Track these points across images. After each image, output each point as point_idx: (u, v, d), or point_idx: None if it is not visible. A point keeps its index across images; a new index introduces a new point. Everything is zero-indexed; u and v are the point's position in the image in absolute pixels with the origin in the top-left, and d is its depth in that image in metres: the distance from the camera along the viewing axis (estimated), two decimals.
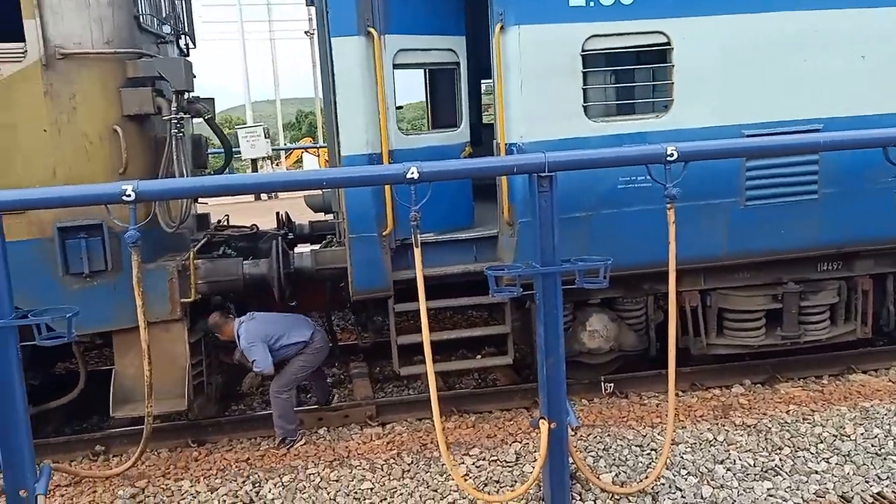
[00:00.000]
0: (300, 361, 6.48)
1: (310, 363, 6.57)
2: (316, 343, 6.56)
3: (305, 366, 6.53)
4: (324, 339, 6.71)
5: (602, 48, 6.05)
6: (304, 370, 6.56)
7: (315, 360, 6.63)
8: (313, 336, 6.54)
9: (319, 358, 6.69)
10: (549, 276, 4.76)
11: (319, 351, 6.62)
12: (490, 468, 5.67)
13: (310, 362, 6.57)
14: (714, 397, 6.86)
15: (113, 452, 6.42)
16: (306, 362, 6.52)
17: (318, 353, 6.62)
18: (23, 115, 5.66)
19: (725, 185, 6.29)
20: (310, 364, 6.58)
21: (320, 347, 6.62)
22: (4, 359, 4.34)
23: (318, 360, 6.68)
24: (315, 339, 6.56)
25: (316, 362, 6.67)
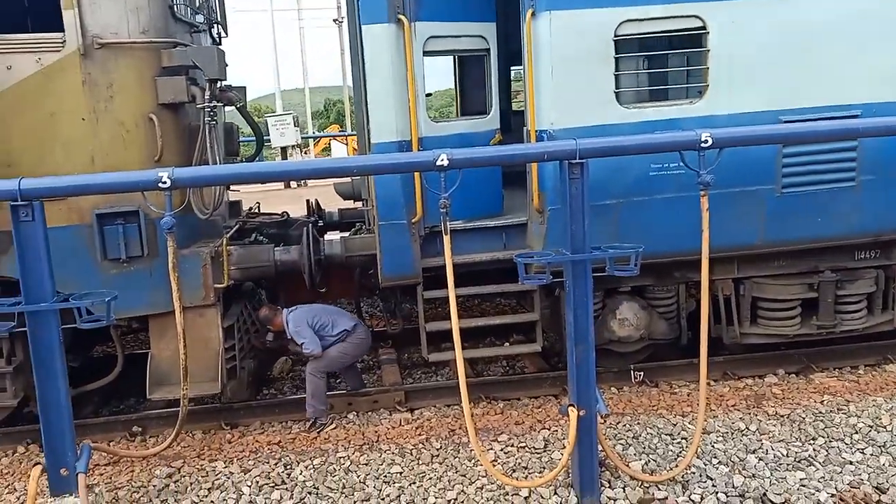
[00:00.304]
0: (340, 348, 6.64)
1: (349, 352, 6.71)
2: (358, 334, 6.72)
3: (344, 353, 6.67)
4: (366, 333, 6.87)
5: (635, 33, 5.98)
6: (343, 357, 6.70)
7: (354, 351, 6.78)
8: (356, 327, 6.73)
9: (360, 350, 6.85)
10: (579, 263, 4.75)
11: (361, 343, 6.77)
12: (518, 454, 5.69)
13: (349, 351, 6.71)
14: (747, 387, 6.79)
15: (150, 433, 6.57)
16: (345, 350, 6.67)
17: (359, 345, 6.78)
18: (62, 104, 5.78)
19: (761, 173, 6.19)
20: (349, 353, 6.72)
21: (362, 339, 6.77)
22: (47, 341, 4.47)
23: (357, 352, 6.83)
24: (357, 330, 6.74)
25: (355, 353, 6.81)
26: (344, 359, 6.73)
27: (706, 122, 5.84)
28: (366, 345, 6.92)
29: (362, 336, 6.79)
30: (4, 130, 5.74)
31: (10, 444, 6.41)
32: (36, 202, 4.37)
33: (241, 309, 6.97)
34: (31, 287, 4.43)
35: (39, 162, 5.73)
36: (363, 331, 6.84)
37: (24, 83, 5.72)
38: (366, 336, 6.86)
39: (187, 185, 5.59)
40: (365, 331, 6.88)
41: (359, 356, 7.03)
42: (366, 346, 6.94)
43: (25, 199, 4.32)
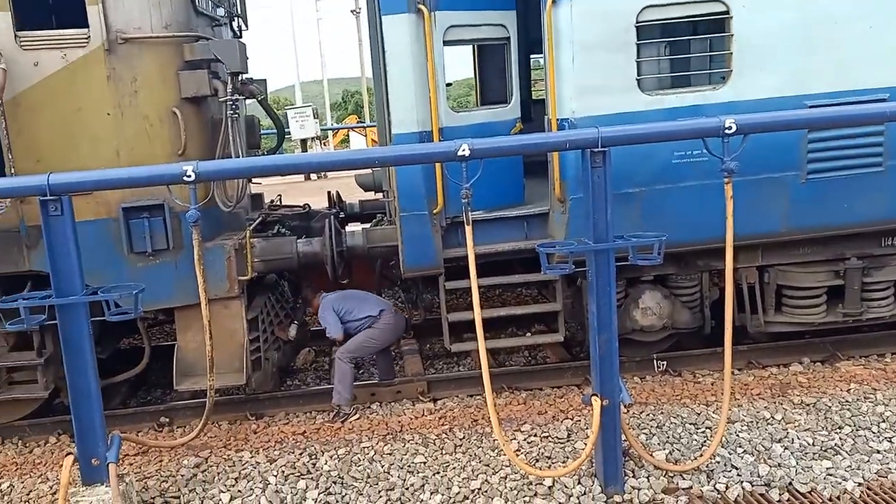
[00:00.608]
0: (367, 334, 6.75)
1: (376, 338, 6.78)
2: (383, 320, 6.77)
3: (371, 339, 6.75)
4: (394, 320, 6.88)
5: (657, 19, 5.92)
6: (370, 343, 6.77)
7: (381, 337, 6.82)
8: (382, 313, 6.77)
9: (386, 336, 6.87)
10: (602, 252, 4.73)
11: (386, 329, 6.80)
12: (542, 444, 5.70)
13: (376, 337, 6.77)
14: (771, 375, 6.74)
15: (177, 424, 6.67)
16: (372, 336, 6.75)
17: (385, 331, 6.81)
18: (87, 99, 5.84)
19: (786, 159, 6.12)
20: (376, 339, 6.78)
21: (388, 325, 6.80)
22: (77, 333, 4.55)
23: (384, 338, 6.86)
24: (383, 316, 6.78)
25: (382, 339, 6.85)
26: (371, 344, 6.78)
27: (730, 108, 5.78)
28: (394, 331, 6.93)
29: (389, 322, 6.80)
30: (32, 126, 5.82)
31: (41, 435, 6.54)
32: (64, 197, 4.44)
33: (265, 301, 7.03)
34: (61, 280, 4.51)
35: (66, 157, 5.81)
36: (390, 317, 6.84)
37: (51, 79, 5.79)
38: (393, 322, 6.86)
39: (211, 179, 5.64)
40: (393, 317, 6.88)
41: (388, 342, 7.01)
42: (394, 332, 6.94)
43: (54, 193, 4.38)
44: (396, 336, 7.13)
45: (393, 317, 6.88)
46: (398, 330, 7.03)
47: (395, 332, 6.96)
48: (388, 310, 6.87)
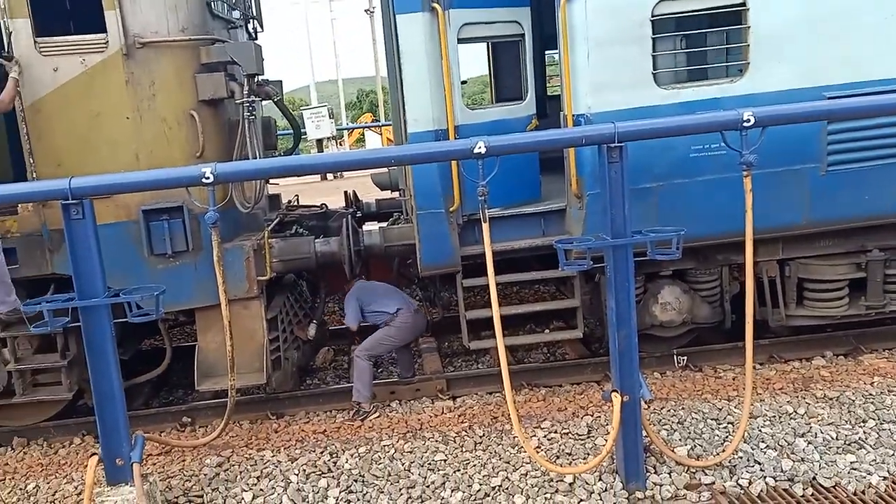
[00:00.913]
0: (384, 331, 6.76)
1: (393, 336, 6.78)
2: (400, 319, 6.77)
3: (389, 337, 6.76)
4: (412, 320, 6.86)
5: (673, 12, 5.88)
6: (388, 340, 6.77)
7: (398, 336, 6.82)
8: (398, 312, 6.77)
9: (403, 335, 6.86)
10: (620, 248, 4.71)
11: (403, 328, 6.80)
12: (562, 441, 5.69)
13: (393, 335, 6.78)
14: (794, 370, 6.68)
15: (199, 423, 6.73)
16: (389, 334, 6.76)
17: (402, 330, 6.80)
18: (106, 104, 5.91)
19: (805, 151, 6.06)
20: (393, 336, 6.78)
21: (405, 325, 6.80)
22: (100, 335, 4.61)
23: (401, 336, 6.86)
24: (399, 315, 6.77)
25: (399, 337, 6.84)
26: (388, 342, 6.79)
27: (748, 100, 5.73)
28: (411, 330, 6.91)
29: (405, 321, 6.79)
30: (53, 131, 5.90)
31: (66, 436, 6.63)
32: (85, 200, 4.49)
33: (284, 300, 7.08)
34: (84, 283, 4.56)
35: (86, 161, 5.87)
36: (407, 316, 6.81)
37: (70, 84, 5.86)
38: (411, 321, 6.83)
39: (229, 180, 5.66)
40: (412, 316, 6.84)
41: (405, 341, 6.99)
42: (411, 331, 6.92)
43: (76, 197, 4.43)
44: (414, 335, 7.12)
45: (411, 316, 6.86)
46: (416, 329, 7.02)
47: (412, 331, 6.95)
48: (406, 308, 6.86)
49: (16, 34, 5.79)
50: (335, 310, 9.41)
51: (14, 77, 5.71)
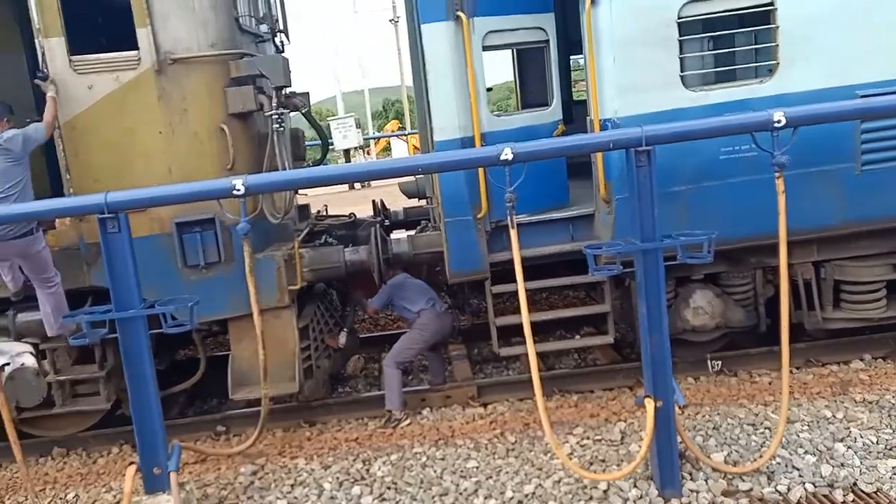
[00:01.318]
0: (407, 336, 6.80)
1: (416, 340, 6.79)
2: (421, 320, 6.78)
3: (412, 341, 6.78)
4: (435, 320, 6.85)
5: (699, 14, 5.83)
6: (412, 344, 6.79)
7: (421, 339, 6.81)
8: (421, 312, 6.79)
9: (426, 337, 6.84)
10: (650, 252, 4.68)
11: (425, 330, 6.79)
12: (595, 447, 5.65)
13: (416, 339, 6.79)
14: (831, 373, 6.55)
15: (233, 432, 6.80)
16: (412, 338, 6.78)
17: (424, 332, 6.79)
18: (139, 119, 6.03)
19: (838, 151, 5.96)
20: (416, 340, 6.79)
21: (426, 325, 6.79)
22: (137, 346, 4.70)
23: (425, 338, 6.84)
24: (422, 315, 6.79)
25: (423, 340, 6.83)
26: (413, 346, 6.80)
27: (778, 101, 5.66)
28: (435, 332, 6.85)
29: (426, 322, 6.78)
30: (88, 147, 6.03)
31: (105, 446, 6.75)
32: (121, 214, 4.59)
33: (314, 309, 7.14)
34: (120, 295, 4.66)
35: (121, 175, 5.99)
36: (429, 317, 6.80)
37: (105, 101, 6.00)
38: (433, 322, 6.81)
39: (260, 192, 5.73)
40: (435, 318, 6.82)
41: (429, 343, 6.93)
42: (435, 333, 6.86)
43: (112, 211, 4.54)
44: (439, 337, 7.01)
45: (434, 318, 6.82)
46: (441, 332, 6.96)
47: (436, 333, 6.89)
48: (429, 309, 6.84)
49: (51, 53, 5.94)
50: (365, 318, 9.46)
51: (53, 96, 5.86)
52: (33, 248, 5.75)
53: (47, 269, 5.90)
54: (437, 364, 7.24)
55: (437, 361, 7.25)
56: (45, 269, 5.88)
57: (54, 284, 5.95)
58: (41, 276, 5.90)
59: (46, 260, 5.88)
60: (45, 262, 5.87)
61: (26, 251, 5.73)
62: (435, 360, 7.22)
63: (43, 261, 5.85)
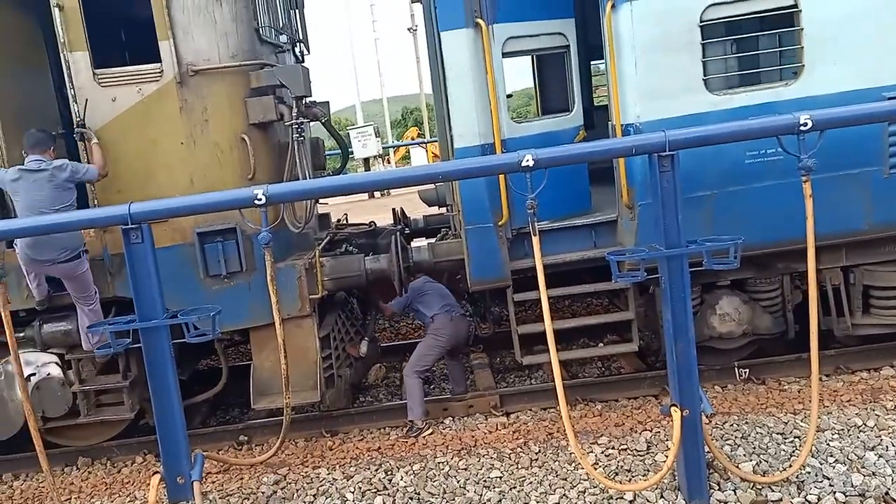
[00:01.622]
0: (423, 344, 6.81)
1: (432, 346, 6.78)
2: (435, 324, 6.79)
3: (428, 347, 6.78)
4: (449, 325, 6.82)
5: (722, 17, 5.77)
6: (429, 351, 6.77)
7: (437, 343, 6.79)
8: (434, 317, 6.80)
9: (441, 342, 6.81)
10: (674, 258, 4.61)
11: (439, 334, 6.78)
12: (620, 457, 5.57)
13: (431, 345, 6.78)
14: (862, 381, 6.41)
15: (255, 442, 6.80)
16: (428, 344, 6.79)
17: (439, 337, 6.78)
18: (162, 130, 6.10)
19: (866, 154, 5.85)
20: (432, 346, 6.78)
21: (440, 330, 6.79)
22: (160, 355, 4.71)
23: (440, 343, 6.81)
24: (436, 319, 6.81)
25: (439, 345, 6.81)
26: (431, 352, 6.78)
27: (803, 104, 5.56)
28: (450, 336, 6.81)
29: (441, 327, 6.78)
30: (112, 158, 6.09)
31: (129, 455, 6.78)
32: (144, 225, 4.61)
33: (335, 318, 7.14)
34: (143, 305, 4.68)
35: (144, 186, 6.06)
36: (444, 321, 6.79)
37: (128, 113, 6.07)
38: (447, 327, 6.79)
39: (281, 201, 5.74)
40: (449, 322, 6.81)
41: (447, 347, 6.89)
42: (450, 338, 6.82)
43: (135, 222, 4.56)
44: (454, 342, 6.95)
45: (448, 323, 6.80)
46: (456, 336, 6.91)
47: (450, 338, 6.84)
48: (442, 314, 6.82)
49: (75, 66, 6.02)
50: (386, 326, 9.45)
51: (95, 142, 6.00)
52: (79, 270, 5.95)
53: (88, 288, 6.09)
54: (457, 372, 7.19)
55: (458, 370, 7.21)
56: (87, 289, 6.08)
57: (94, 302, 6.13)
58: (83, 295, 6.08)
59: (88, 280, 6.07)
60: (87, 282, 6.07)
61: (72, 273, 5.93)
62: (455, 368, 7.18)
63: (86, 281, 6.05)
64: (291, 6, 7.82)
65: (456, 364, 7.17)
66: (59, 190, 5.71)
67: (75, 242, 5.86)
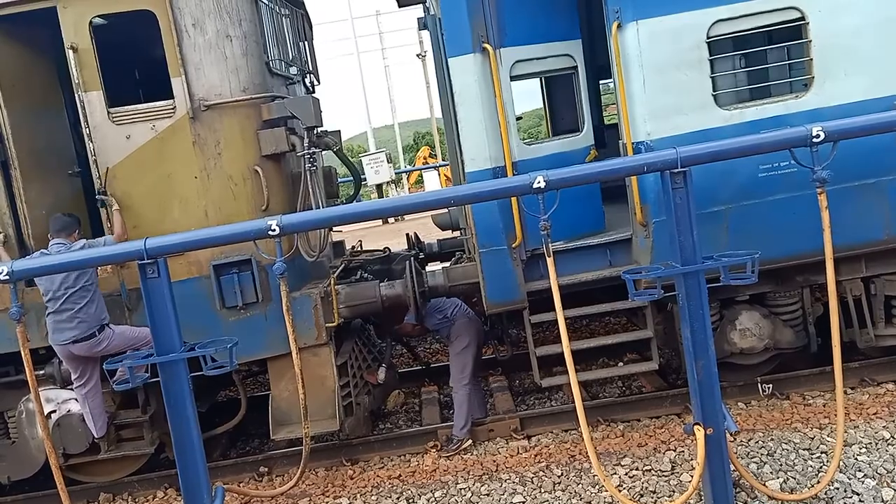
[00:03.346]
0: (455, 354, 6.94)
1: (462, 349, 6.90)
2: (456, 328, 6.96)
3: (460, 351, 6.88)
4: (466, 323, 6.96)
5: (729, 32, 5.77)
6: (464, 356, 6.88)
7: (465, 343, 6.91)
8: (454, 318, 6.99)
9: (469, 339, 6.92)
10: (691, 275, 4.57)
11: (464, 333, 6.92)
12: (644, 478, 5.48)
13: (461, 348, 6.91)
14: (888, 392, 6.29)
15: (275, 473, 6.77)
16: (457, 350, 6.91)
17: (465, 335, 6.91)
18: (176, 165, 6.17)
19: (881, 163, 5.80)
20: (463, 350, 6.90)
21: (460, 331, 6.92)
22: (178, 389, 4.71)
23: (469, 342, 6.92)
24: (456, 323, 6.97)
25: (469, 344, 6.91)
26: (467, 353, 6.87)
27: (815, 115, 5.54)
28: (475, 334, 6.97)
29: (462, 327, 6.92)
30: (127, 195, 6.17)
31: (150, 490, 6.77)
32: (160, 259, 4.64)
33: (352, 346, 7.13)
34: (161, 339, 4.69)
35: (160, 220, 6.13)
36: (463, 322, 6.95)
37: (143, 149, 6.15)
38: (467, 325, 6.95)
39: (294, 231, 5.79)
40: (467, 321, 6.98)
41: (478, 342, 7.03)
42: (475, 334, 6.97)
43: (151, 256, 4.59)
44: (482, 337, 7.15)
45: (468, 321, 7.00)
46: (479, 332, 7.08)
47: (476, 334, 7.02)
48: (460, 314, 7.05)
49: (90, 106, 6.13)
50: (403, 352, 9.42)
51: (117, 209, 6.07)
52: (100, 346, 5.95)
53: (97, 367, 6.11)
54: (479, 400, 7.16)
55: (479, 397, 7.18)
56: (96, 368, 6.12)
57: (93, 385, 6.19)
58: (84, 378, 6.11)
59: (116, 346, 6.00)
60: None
61: (95, 350, 5.95)
62: (477, 394, 7.14)
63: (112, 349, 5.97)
64: (300, 38, 7.93)
65: (476, 389, 7.14)
66: (79, 272, 5.73)
67: (99, 316, 5.92)
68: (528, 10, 6.33)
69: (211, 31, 6.09)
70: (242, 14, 6.21)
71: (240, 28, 6.20)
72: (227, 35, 6.14)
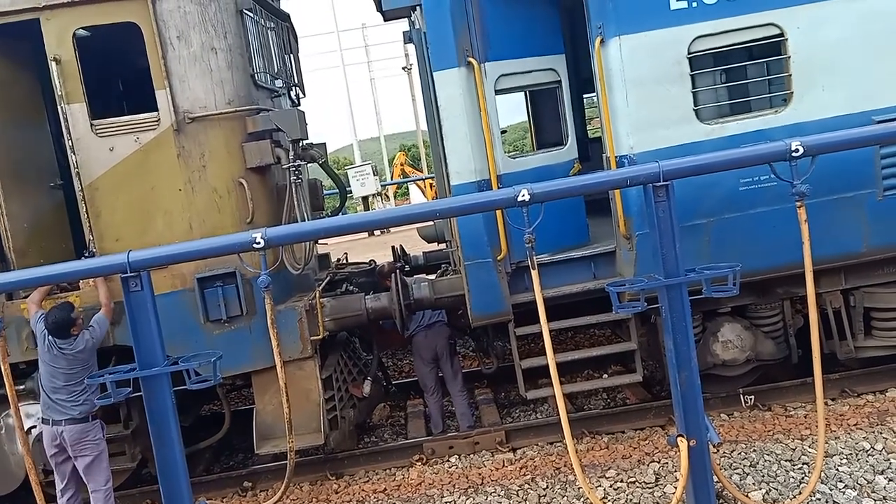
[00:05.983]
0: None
1: (418, 367, 7.35)
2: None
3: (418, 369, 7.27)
4: (418, 342, 7.26)
5: (709, 48, 5.86)
6: (420, 373, 7.32)
7: (419, 364, 7.34)
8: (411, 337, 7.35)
9: (419, 358, 7.33)
10: (674, 287, 4.61)
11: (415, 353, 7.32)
12: (629, 490, 5.50)
13: (417, 367, 7.35)
14: (867, 403, 6.36)
15: (259, 487, 6.72)
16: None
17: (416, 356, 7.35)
18: (160, 177, 6.13)
19: (859, 177, 5.90)
20: (418, 367, 7.33)
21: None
22: (161, 403, 4.68)
23: (420, 363, 7.33)
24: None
25: (420, 364, 7.33)
26: (419, 371, 7.32)
27: (794, 130, 5.63)
28: (421, 349, 7.26)
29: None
30: (110, 207, 6.13)
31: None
32: (143, 272, 4.62)
33: (337, 359, 7.10)
34: (144, 353, 4.66)
35: (143, 233, 6.08)
36: (416, 341, 7.28)
37: (126, 162, 6.11)
38: (416, 344, 7.27)
39: (279, 244, 5.77)
40: (420, 340, 7.25)
41: (427, 359, 7.29)
42: (424, 350, 7.25)
43: (134, 270, 4.57)
44: (431, 353, 7.35)
45: (422, 339, 7.30)
46: (431, 346, 7.32)
47: (425, 349, 7.32)
48: (417, 333, 7.31)
49: (73, 118, 6.09)
50: (388, 365, 9.40)
51: (102, 278, 5.76)
52: (92, 436, 5.60)
53: (102, 461, 5.70)
54: (464, 412, 7.29)
55: (465, 409, 7.30)
56: (102, 463, 5.69)
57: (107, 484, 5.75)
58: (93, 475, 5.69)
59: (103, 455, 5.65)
60: (102, 458, 5.65)
61: (85, 437, 5.57)
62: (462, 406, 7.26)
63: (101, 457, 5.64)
64: (286, 51, 7.95)
65: (462, 401, 7.20)
66: (77, 360, 5.50)
67: (90, 402, 5.54)
68: (513, 25, 6.40)
69: (196, 43, 6.09)
70: (227, 27, 6.22)
71: (225, 41, 6.20)
72: (212, 48, 6.14)
